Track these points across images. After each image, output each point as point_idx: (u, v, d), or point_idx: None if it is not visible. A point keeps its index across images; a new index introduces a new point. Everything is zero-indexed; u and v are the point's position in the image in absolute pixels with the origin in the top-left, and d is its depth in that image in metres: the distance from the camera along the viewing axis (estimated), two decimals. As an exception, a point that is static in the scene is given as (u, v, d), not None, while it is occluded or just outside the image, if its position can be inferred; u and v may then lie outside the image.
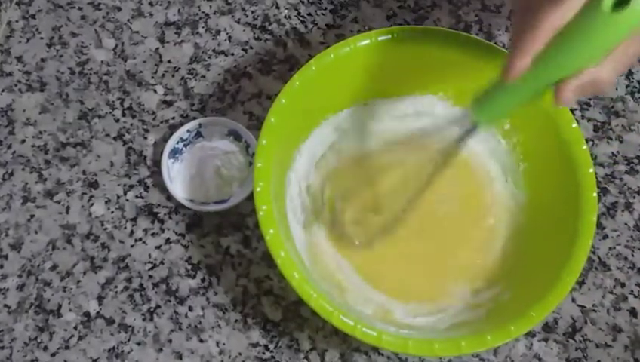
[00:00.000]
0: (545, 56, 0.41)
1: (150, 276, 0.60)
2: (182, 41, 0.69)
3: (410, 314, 0.56)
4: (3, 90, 0.66)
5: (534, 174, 0.59)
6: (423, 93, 0.62)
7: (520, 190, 0.60)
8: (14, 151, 0.64)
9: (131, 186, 0.63)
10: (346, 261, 0.58)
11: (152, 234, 0.61)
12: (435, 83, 0.61)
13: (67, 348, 0.57)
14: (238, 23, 0.70)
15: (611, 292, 0.61)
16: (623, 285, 0.62)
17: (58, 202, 0.62)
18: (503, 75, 0.43)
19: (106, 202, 0.62)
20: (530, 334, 0.59)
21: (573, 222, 0.53)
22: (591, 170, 0.54)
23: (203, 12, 0.70)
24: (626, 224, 0.64)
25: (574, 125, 0.55)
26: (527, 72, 0.42)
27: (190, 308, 0.59)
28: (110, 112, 0.66)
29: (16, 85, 0.66)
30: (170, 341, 0.58)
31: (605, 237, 0.63)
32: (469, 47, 0.57)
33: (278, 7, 0.71)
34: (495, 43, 0.70)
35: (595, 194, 0.53)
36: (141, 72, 0.67)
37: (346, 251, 0.58)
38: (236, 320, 0.59)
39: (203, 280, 0.60)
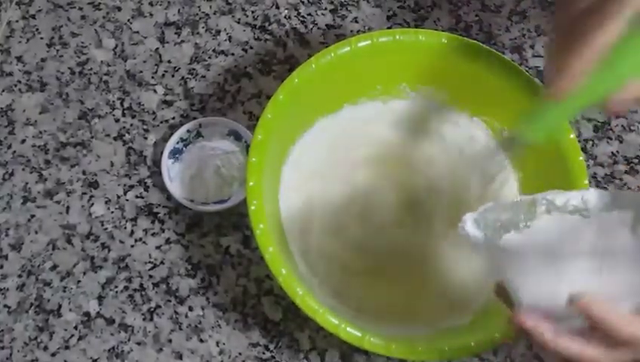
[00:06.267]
0: (594, 74, 0.43)
1: (150, 276, 0.60)
2: (182, 41, 0.69)
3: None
4: (3, 90, 0.66)
5: (529, 184, 0.59)
6: (423, 98, 0.62)
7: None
8: (14, 151, 0.64)
9: (131, 186, 0.63)
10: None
11: (152, 234, 0.61)
12: (432, 87, 0.61)
13: (67, 347, 0.57)
14: (238, 23, 0.70)
15: (611, 292, 0.61)
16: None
17: (58, 202, 0.62)
18: (553, 96, 0.45)
19: (106, 202, 0.62)
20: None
21: None
22: (585, 182, 0.54)
23: (203, 12, 0.70)
24: (625, 224, 0.64)
25: (572, 136, 0.55)
26: (577, 90, 0.44)
27: (190, 308, 0.59)
28: (110, 112, 0.66)
29: (16, 85, 0.66)
30: (170, 341, 0.58)
31: (605, 237, 0.64)
32: (466, 52, 0.57)
33: (278, 8, 0.71)
34: (495, 43, 0.70)
35: None
36: (141, 72, 0.67)
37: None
38: (236, 320, 0.59)
39: (203, 280, 0.60)
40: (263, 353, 0.58)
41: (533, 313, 0.39)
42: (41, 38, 0.68)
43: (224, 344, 0.58)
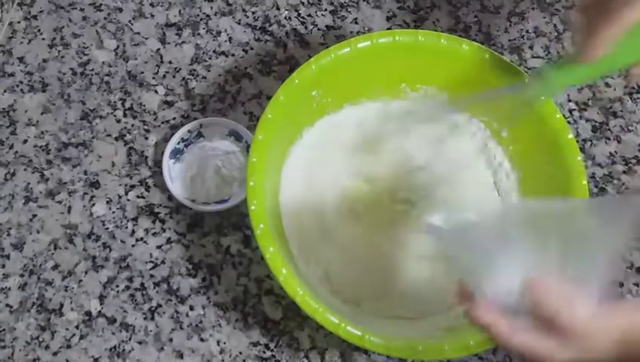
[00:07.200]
0: (623, 42, 0.47)
1: (151, 275, 0.60)
2: (183, 42, 0.69)
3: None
4: (5, 91, 0.66)
5: (527, 183, 0.59)
6: (422, 98, 0.62)
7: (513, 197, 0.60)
8: (16, 152, 0.64)
9: (132, 186, 0.63)
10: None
11: (153, 234, 0.62)
12: (432, 88, 0.61)
13: (69, 347, 0.58)
14: (239, 23, 0.70)
15: (609, 292, 0.62)
16: (621, 284, 0.62)
17: (60, 202, 0.62)
18: (580, 58, 0.48)
19: (107, 202, 0.63)
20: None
21: None
22: (584, 182, 0.54)
23: (204, 13, 0.70)
24: (624, 224, 0.64)
25: (570, 136, 0.55)
26: (604, 56, 0.48)
27: (191, 308, 0.59)
28: (111, 113, 0.66)
29: (18, 86, 0.67)
30: (171, 340, 0.58)
31: (603, 236, 0.64)
32: (466, 53, 0.57)
33: (278, 9, 0.71)
34: (494, 43, 0.70)
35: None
36: (142, 72, 0.68)
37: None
38: (237, 320, 0.59)
39: (204, 279, 0.60)
40: (264, 352, 0.58)
41: (491, 307, 0.39)
42: (43, 39, 0.69)
43: (225, 343, 0.58)
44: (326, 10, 0.71)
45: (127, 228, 0.62)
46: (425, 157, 0.61)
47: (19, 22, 0.69)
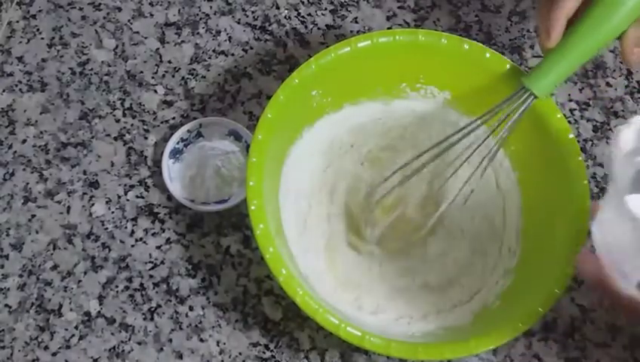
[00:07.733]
0: (585, 17, 0.46)
1: (151, 276, 0.60)
2: (182, 41, 0.69)
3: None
4: (4, 91, 0.66)
5: (527, 183, 0.59)
6: (422, 98, 0.62)
7: (514, 197, 0.60)
8: (15, 152, 0.64)
9: (132, 186, 0.63)
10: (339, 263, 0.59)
11: (153, 234, 0.61)
12: (432, 88, 0.61)
13: (68, 347, 0.57)
14: (239, 23, 0.70)
15: (610, 292, 0.61)
16: (622, 285, 0.62)
17: (59, 202, 0.62)
18: (544, 42, 0.48)
19: (106, 202, 0.62)
20: (530, 333, 0.59)
21: (565, 237, 0.53)
22: (585, 182, 0.54)
23: (203, 12, 0.70)
24: (625, 224, 0.64)
25: (571, 136, 0.55)
26: (572, 36, 0.47)
27: (190, 308, 0.59)
28: (111, 112, 0.66)
29: (17, 85, 0.66)
30: (170, 340, 0.58)
31: (604, 236, 0.64)
32: (466, 52, 0.57)
33: (278, 8, 0.71)
34: (494, 43, 0.70)
35: (588, 206, 0.53)
36: (141, 72, 0.67)
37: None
38: (236, 320, 0.59)
39: (203, 279, 0.60)
40: (264, 352, 0.58)
41: None
42: (42, 39, 0.68)
43: (224, 343, 0.58)
44: (326, 9, 0.71)
45: (126, 228, 0.62)
46: (428, 155, 0.61)
47: (17, 21, 0.69)
